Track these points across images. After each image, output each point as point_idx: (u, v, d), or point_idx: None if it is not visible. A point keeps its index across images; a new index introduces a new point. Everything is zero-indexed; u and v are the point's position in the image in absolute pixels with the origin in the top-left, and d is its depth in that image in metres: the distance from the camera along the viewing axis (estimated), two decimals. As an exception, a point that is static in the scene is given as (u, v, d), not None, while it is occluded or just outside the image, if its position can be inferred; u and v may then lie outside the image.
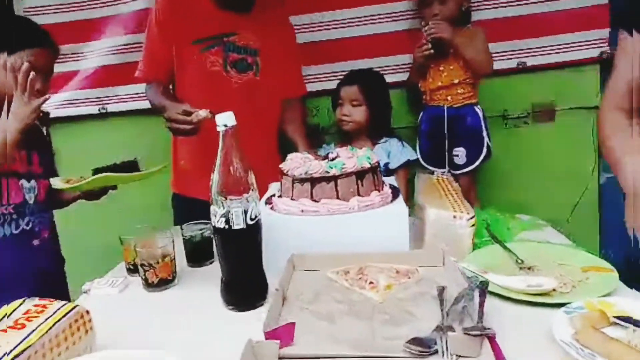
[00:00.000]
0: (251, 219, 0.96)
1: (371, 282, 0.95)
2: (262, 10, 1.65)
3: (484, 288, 0.84)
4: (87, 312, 0.83)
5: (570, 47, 1.90)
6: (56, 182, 1.37)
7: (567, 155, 1.97)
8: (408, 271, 1.00)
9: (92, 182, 1.32)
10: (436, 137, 1.81)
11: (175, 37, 1.60)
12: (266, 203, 1.24)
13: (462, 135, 1.78)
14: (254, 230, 0.98)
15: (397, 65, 1.98)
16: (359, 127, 1.74)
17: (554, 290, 0.94)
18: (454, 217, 1.13)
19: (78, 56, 2.08)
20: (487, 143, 1.79)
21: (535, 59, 1.92)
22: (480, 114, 1.77)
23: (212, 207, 0.97)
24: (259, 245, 1.01)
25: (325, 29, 1.98)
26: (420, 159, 1.85)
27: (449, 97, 1.77)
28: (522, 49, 1.92)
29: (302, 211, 1.14)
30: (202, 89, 1.62)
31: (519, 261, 1.09)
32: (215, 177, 0.96)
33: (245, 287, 1.01)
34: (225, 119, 0.95)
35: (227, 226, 0.95)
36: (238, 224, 0.95)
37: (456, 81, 1.74)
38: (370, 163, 1.19)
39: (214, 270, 1.09)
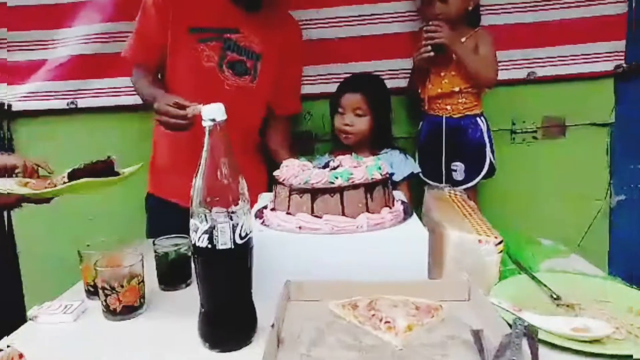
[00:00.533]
0: (241, 237, 0.78)
1: (387, 322, 0.77)
2: (271, 10, 1.49)
3: (533, 336, 0.67)
4: (21, 356, 0.63)
5: (584, 58, 1.77)
6: (9, 185, 1.15)
7: (577, 175, 1.83)
8: (430, 307, 0.82)
9: (68, 189, 1.11)
10: (434, 150, 1.66)
11: (173, 21, 1.43)
12: (256, 217, 1.05)
13: (462, 148, 1.63)
14: (243, 251, 0.79)
15: (397, 71, 1.82)
16: (361, 139, 1.57)
17: (607, 337, 0.77)
18: (480, 241, 0.96)
19: (46, 44, 1.86)
20: (490, 159, 1.64)
21: (546, 70, 1.78)
22: (484, 127, 1.63)
23: (192, 221, 0.78)
24: (248, 269, 0.82)
25: (321, 27, 1.81)
26: (421, 174, 1.70)
27: (448, 107, 1.62)
28: (533, 58, 1.78)
29: (300, 228, 0.96)
30: (192, 84, 1.44)
31: (555, 297, 0.92)
32: (197, 183, 0.77)
33: (229, 321, 0.81)
34: (214, 112, 0.76)
35: (210, 245, 0.76)
36: (224, 243, 0.76)
37: (457, 89, 1.59)
38: (381, 174, 1.01)
39: (191, 295, 0.89)
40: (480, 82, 1.57)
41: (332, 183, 0.97)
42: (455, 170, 1.65)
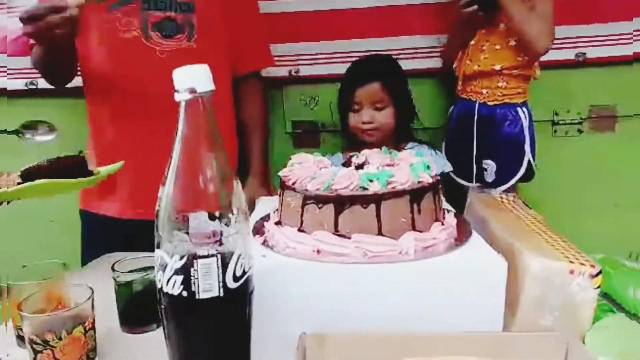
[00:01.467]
0: (235, 279, 0.49)
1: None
2: None
3: None
4: None
5: (640, 37, 1.50)
6: None
7: (630, 174, 1.56)
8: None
9: (23, 191, 0.81)
10: (462, 142, 1.38)
11: None
12: (254, 233, 0.76)
13: (494, 144, 1.35)
14: (238, 298, 0.51)
15: (421, 49, 1.53)
16: (385, 133, 1.29)
17: None
18: (571, 271, 0.68)
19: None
20: (530, 159, 1.35)
21: (597, 51, 1.51)
22: (525, 120, 1.34)
23: (157, 253, 0.49)
24: (245, 323, 0.53)
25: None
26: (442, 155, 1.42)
27: (484, 90, 1.33)
28: (582, 37, 1.50)
29: (319, 252, 0.68)
30: (114, 64, 1.14)
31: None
32: (166, 191, 0.49)
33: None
34: (192, 77, 0.47)
35: (186, 293, 0.48)
36: (208, 289, 0.48)
37: (498, 67, 1.29)
38: (430, 175, 0.73)
39: (161, 341, 0.60)
40: (531, 48, 1.25)
41: (365, 189, 0.68)
42: (486, 170, 1.37)
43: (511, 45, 1.28)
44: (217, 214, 0.49)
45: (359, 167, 0.83)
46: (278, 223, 0.75)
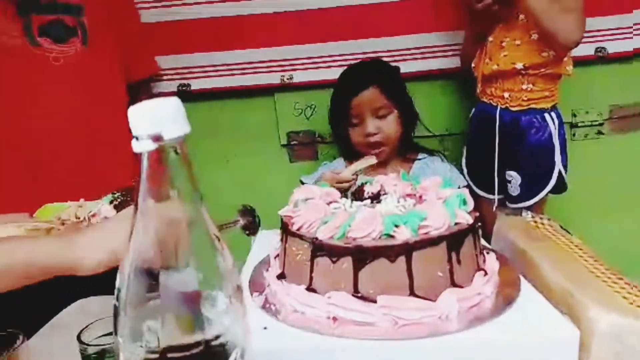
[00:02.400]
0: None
1: None
2: None
3: None
4: None
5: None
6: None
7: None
8: None
9: None
10: (483, 150, 1.24)
11: None
12: (252, 290, 0.61)
13: (520, 153, 1.20)
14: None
15: (420, 49, 1.38)
16: (394, 142, 1.14)
17: None
18: (653, 332, 0.54)
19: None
20: (560, 170, 1.21)
21: (619, 45, 1.38)
22: (554, 126, 1.18)
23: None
24: None
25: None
26: (469, 180, 1.28)
27: (505, 94, 1.18)
28: (602, 30, 1.37)
29: (336, 321, 0.53)
30: None
31: None
32: (121, 280, 0.34)
33: None
34: (156, 118, 0.32)
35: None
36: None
37: (520, 66, 1.14)
38: (467, 212, 0.59)
39: None
40: (557, 43, 1.09)
41: (391, 236, 0.53)
42: (510, 182, 1.23)
43: (534, 39, 1.12)
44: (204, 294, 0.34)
45: (374, 197, 0.69)
46: (281, 276, 0.61)
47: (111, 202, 0.72)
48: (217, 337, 0.35)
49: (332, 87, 1.29)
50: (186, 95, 1.35)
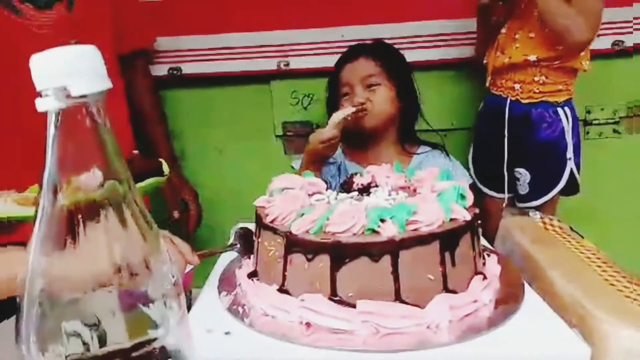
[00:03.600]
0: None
1: None
2: None
3: None
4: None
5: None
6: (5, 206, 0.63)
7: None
8: None
9: None
10: (490, 145, 1.17)
11: None
12: (220, 289, 0.55)
13: (530, 149, 1.12)
14: None
15: (426, 37, 1.30)
16: (386, 122, 1.06)
17: None
18: (677, 352, 0.46)
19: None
20: (572, 169, 1.13)
21: (637, 37, 1.29)
22: (567, 122, 1.11)
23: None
24: None
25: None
26: (474, 176, 1.20)
27: (517, 85, 1.10)
28: (619, 22, 1.28)
29: (309, 327, 0.46)
30: None
31: None
32: (29, 269, 0.27)
33: None
34: (68, 70, 0.25)
35: None
36: None
37: (533, 58, 1.06)
38: (466, 207, 0.51)
39: None
40: (566, 41, 1.03)
41: (375, 232, 0.46)
42: (518, 180, 1.16)
43: (548, 32, 1.05)
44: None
45: (364, 190, 0.62)
46: (252, 275, 0.54)
47: None
48: (141, 345, 0.28)
49: (327, 75, 1.21)
50: (177, 79, 1.29)
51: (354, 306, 0.45)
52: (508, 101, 1.11)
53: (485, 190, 1.20)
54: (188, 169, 1.31)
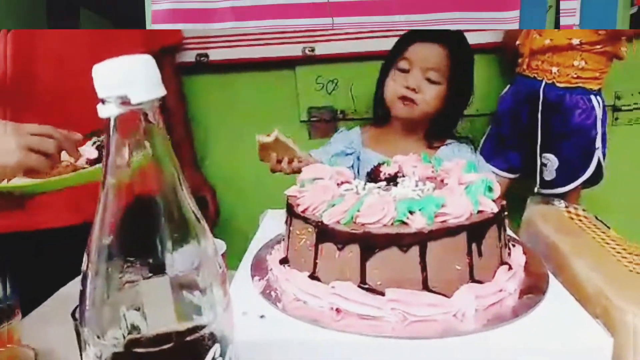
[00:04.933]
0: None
1: None
2: None
3: None
4: None
5: None
6: None
7: None
8: None
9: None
10: (519, 129, 1.15)
11: None
12: (253, 275, 0.57)
13: (560, 135, 1.11)
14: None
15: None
16: (424, 118, 1.05)
17: None
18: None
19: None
20: (599, 158, 1.12)
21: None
22: (599, 110, 1.09)
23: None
24: None
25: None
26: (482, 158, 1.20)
27: (554, 68, 1.08)
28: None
29: (339, 313, 0.49)
30: None
31: None
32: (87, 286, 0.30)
33: None
34: (125, 77, 0.28)
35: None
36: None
37: (577, 42, 1.04)
38: (494, 200, 0.53)
39: None
40: None
41: (404, 224, 0.48)
42: (545, 165, 1.15)
43: None
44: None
45: (391, 179, 0.63)
46: (284, 261, 0.56)
47: (94, 144, 0.66)
48: (192, 331, 0.31)
49: (355, 60, 1.20)
50: (203, 66, 1.31)
51: (382, 294, 0.47)
52: (543, 84, 1.10)
53: (493, 168, 1.19)
54: (213, 155, 1.34)
